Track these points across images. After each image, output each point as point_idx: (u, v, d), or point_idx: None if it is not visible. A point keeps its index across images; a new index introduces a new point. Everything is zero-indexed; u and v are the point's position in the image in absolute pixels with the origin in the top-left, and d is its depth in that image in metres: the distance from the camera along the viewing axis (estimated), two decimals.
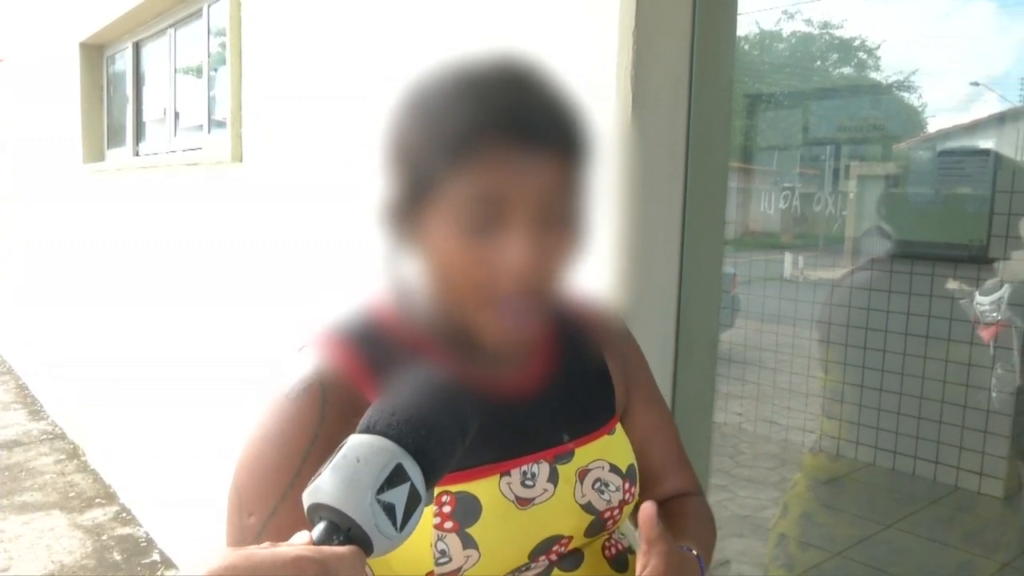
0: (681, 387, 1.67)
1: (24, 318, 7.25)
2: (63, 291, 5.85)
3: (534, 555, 0.91)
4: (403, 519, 0.70)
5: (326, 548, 0.66)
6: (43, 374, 6.71)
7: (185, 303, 3.74)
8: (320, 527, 0.68)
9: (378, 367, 0.89)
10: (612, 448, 0.99)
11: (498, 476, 0.89)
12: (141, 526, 4.44)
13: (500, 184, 0.81)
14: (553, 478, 0.93)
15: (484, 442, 0.84)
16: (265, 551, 0.64)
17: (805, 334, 2.91)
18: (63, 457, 5.55)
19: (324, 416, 0.86)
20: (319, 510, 0.69)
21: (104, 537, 4.33)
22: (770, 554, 2.47)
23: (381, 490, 0.68)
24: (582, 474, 0.95)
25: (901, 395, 2.38)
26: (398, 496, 0.69)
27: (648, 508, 0.83)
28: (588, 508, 0.94)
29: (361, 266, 2.02)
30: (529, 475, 0.91)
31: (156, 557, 4.11)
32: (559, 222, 0.85)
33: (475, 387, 0.92)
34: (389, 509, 0.69)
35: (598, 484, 0.95)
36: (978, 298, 2.46)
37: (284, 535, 0.82)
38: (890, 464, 2.50)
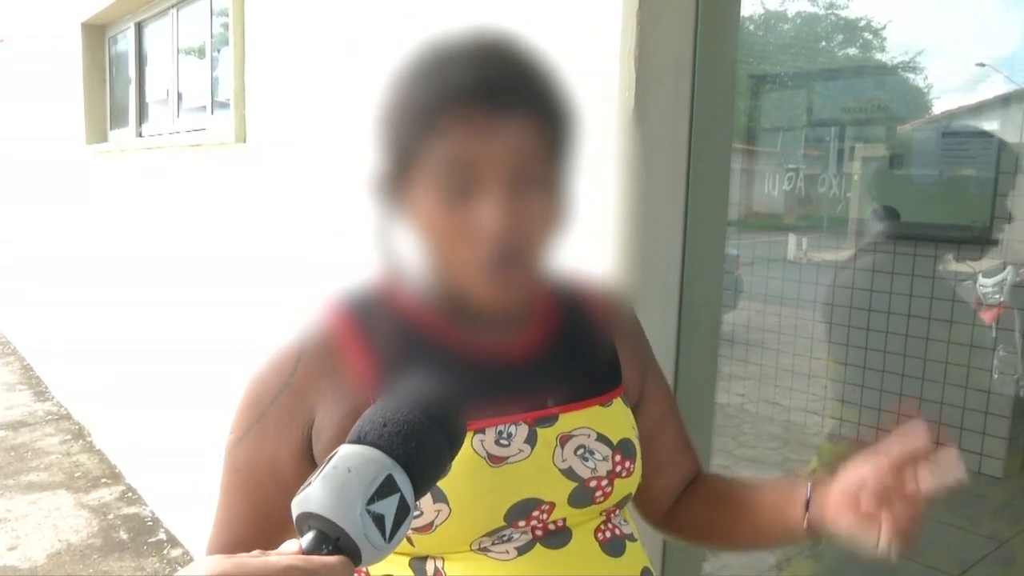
0: (684, 367, 1.68)
1: (27, 299, 7.27)
2: (65, 273, 5.87)
3: (510, 518, 0.90)
4: (392, 530, 0.70)
5: (315, 557, 0.67)
6: (48, 355, 6.73)
7: (189, 285, 3.75)
8: (309, 536, 0.69)
9: (368, 332, 0.95)
10: (603, 419, 0.99)
11: (471, 433, 0.91)
12: (147, 505, 4.48)
13: (470, 149, 0.84)
14: (531, 440, 0.93)
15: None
16: (256, 560, 0.65)
17: (808, 315, 2.91)
18: (68, 437, 5.58)
19: (295, 371, 0.94)
20: (308, 519, 0.69)
21: (110, 516, 4.37)
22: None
23: (371, 500, 0.69)
24: (564, 439, 0.95)
25: (903, 376, 2.38)
26: (388, 507, 0.70)
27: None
28: (569, 474, 0.94)
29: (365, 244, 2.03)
30: (505, 434, 0.92)
31: (162, 536, 4.14)
32: (535, 186, 0.87)
33: (463, 350, 0.96)
34: (379, 520, 0.69)
35: (581, 451, 0.95)
36: (981, 279, 2.46)
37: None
38: None
